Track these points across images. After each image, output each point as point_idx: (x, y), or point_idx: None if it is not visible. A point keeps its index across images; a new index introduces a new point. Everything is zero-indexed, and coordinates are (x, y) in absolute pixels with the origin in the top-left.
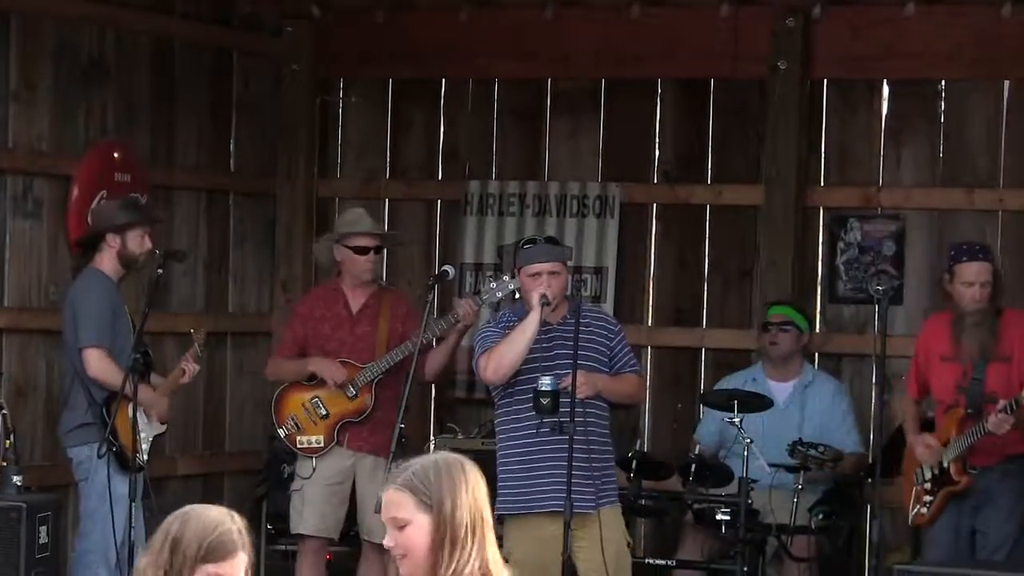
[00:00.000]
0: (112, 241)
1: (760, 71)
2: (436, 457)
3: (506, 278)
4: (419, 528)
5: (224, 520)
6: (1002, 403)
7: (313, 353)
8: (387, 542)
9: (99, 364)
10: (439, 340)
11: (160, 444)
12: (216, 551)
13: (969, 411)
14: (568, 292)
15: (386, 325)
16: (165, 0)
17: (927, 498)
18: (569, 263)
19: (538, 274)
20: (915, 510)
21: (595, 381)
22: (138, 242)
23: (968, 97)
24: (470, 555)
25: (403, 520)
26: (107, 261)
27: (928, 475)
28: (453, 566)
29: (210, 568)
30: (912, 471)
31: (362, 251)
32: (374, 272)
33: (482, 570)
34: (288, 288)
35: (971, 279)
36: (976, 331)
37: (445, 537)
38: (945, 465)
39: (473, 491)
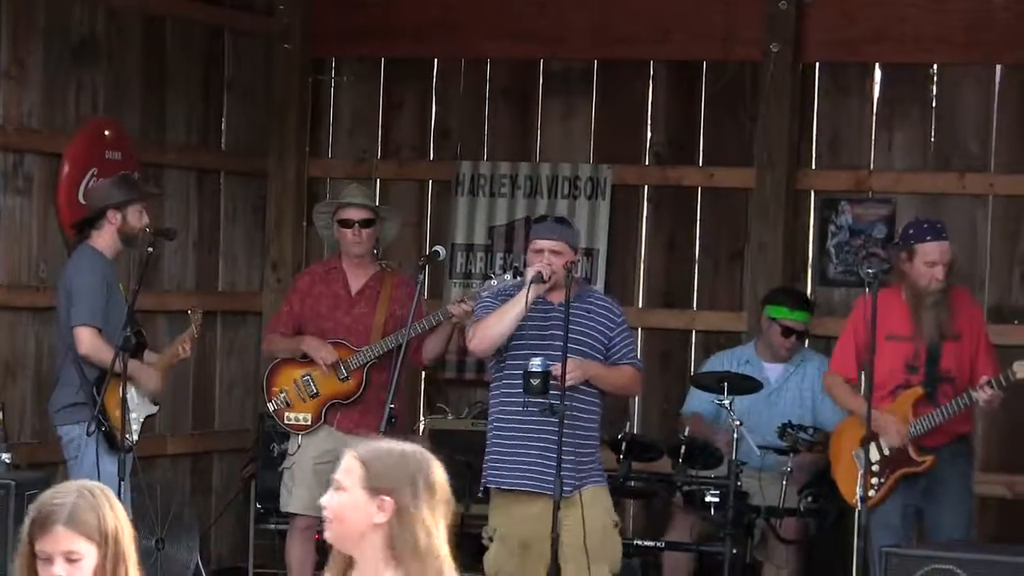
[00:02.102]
0: (112, 218)
1: (753, 54)
2: (406, 447)
3: (507, 276)
4: (354, 502)
5: (58, 494)
6: (985, 379)
7: (309, 330)
8: (323, 499)
9: (91, 343)
10: (432, 328)
11: (150, 423)
12: (36, 526)
13: (928, 390)
14: (577, 275)
15: (385, 308)
16: None
17: (874, 480)
18: (579, 248)
19: (540, 251)
20: (860, 493)
21: (587, 368)
22: (137, 217)
23: (960, 81)
24: (420, 548)
25: (342, 487)
26: (105, 239)
27: (876, 457)
28: (397, 556)
29: (36, 546)
30: (845, 452)
31: (346, 224)
32: (363, 247)
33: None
34: (278, 267)
35: (935, 259)
36: (935, 310)
37: (391, 526)
38: (902, 446)
39: (427, 490)
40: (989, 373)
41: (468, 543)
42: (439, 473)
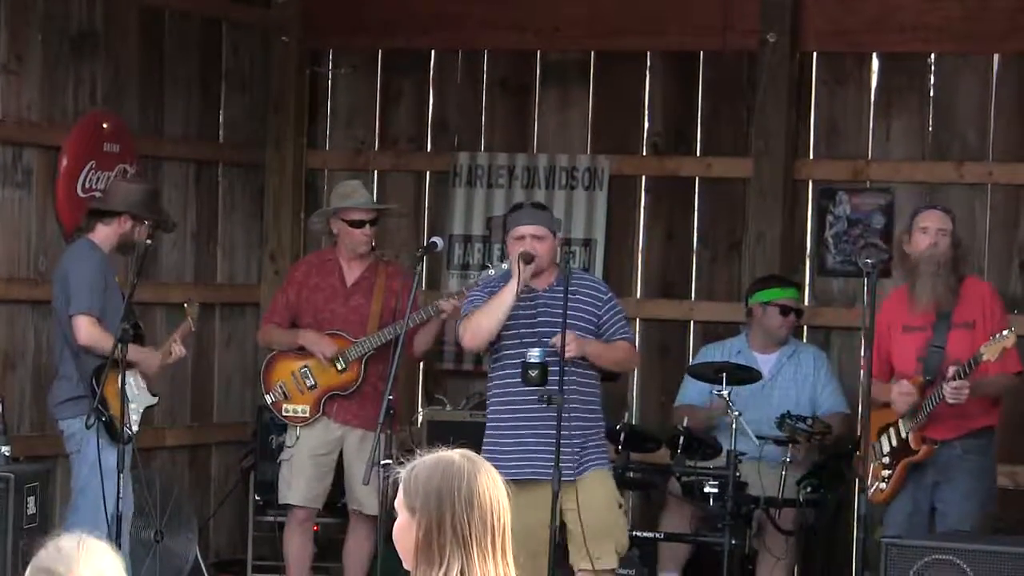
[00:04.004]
0: (124, 222)
1: (750, 44)
2: (439, 457)
3: (504, 265)
4: (403, 525)
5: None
6: (953, 369)
7: (305, 321)
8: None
9: (89, 330)
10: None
11: (149, 415)
12: None
13: (928, 378)
14: (557, 260)
15: (380, 299)
16: None
17: (885, 472)
18: (558, 232)
19: (522, 237)
20: (873, 487)
21: (583, 343)
22: (142, 232)
23: (958, 71)
24: (451, 567)
25: (396, 512)
26: (106, 235)
27: (886, 448)
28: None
29: None
30: (869, 448)
31: (358, 224)
32: (370, 244)
33: None
34: (276, 259)
35: (927, 224)
36: (931, 281)
37: (425, 543)
38: (904, 435)
39: (466, 501)
40: (1002, 365)
41: None
42: (477, 475)
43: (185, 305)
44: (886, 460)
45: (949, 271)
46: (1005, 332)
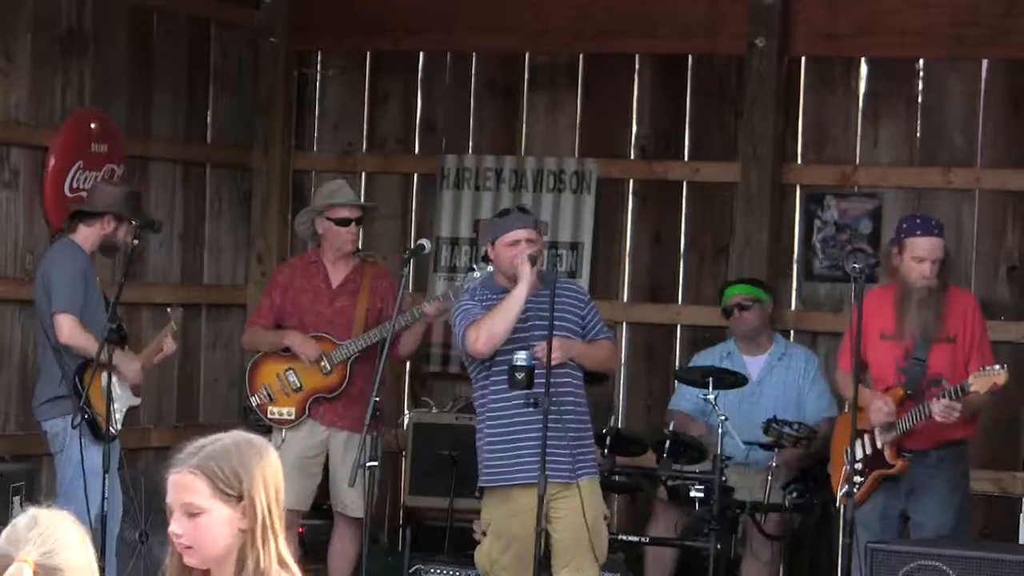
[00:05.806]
0: (106, 223)
1: (738, 48)
2: (234, 437)
3: (489, 267)
4: (216, 519)
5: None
6: (946, 390)
7: (291, 324)
8: (173, 529)
9: (71, 329)
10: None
11: (134, 415)
12: None
13: (909, 392)
14: (542, 266)
15: (365, 301)
16: None
17: (857, 479)
18: (545, 235)
19: (517, 242)
20: (843, 490)
21: (569, 348)
22: (126, 234)
23: (946, 76)
24: (272, 546)
25: (197, 508)
26: (87, 236)
27: (859, 455)
28: (258, 560)
29: None
30: (840, 449)
31: (344, 223)
32: (356, 244)
33: (280, 562)
34: (263, 260)
35: (923, 255)
36: (921, 310)
37: (256, 529)
38: (880, 447)
39: (274, 477)
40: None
41: (456, 537)
42: (271, 450)
43: (168, 311)
44: (858, 466)
45: (938, 295)
46: (997, 367)
